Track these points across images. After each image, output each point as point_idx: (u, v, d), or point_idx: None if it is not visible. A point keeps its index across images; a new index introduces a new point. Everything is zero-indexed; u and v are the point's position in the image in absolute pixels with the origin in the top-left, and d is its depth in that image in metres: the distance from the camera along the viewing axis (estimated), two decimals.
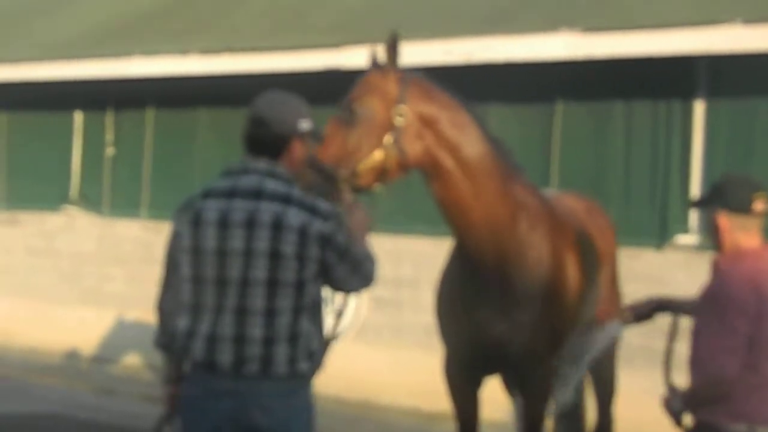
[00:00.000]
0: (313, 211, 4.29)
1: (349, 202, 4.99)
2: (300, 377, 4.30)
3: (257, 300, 4.21)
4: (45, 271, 14.03)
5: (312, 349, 4.31)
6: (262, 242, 4.22)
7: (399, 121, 5.28)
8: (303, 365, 4.28)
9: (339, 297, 5.02)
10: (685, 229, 9.53)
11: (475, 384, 5.99)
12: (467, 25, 10.29)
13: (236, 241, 4.24)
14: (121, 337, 12.68)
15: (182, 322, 4.34)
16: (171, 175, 12.85)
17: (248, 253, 4.22)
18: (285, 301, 4.22)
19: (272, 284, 4.21)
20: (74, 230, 13.79)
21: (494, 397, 6.66)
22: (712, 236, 4.83)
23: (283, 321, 4.22)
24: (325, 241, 4.26)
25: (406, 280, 11.00)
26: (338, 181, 5.05)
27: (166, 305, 4.54)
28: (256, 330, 4.21)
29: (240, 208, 4.28)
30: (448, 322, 5.90)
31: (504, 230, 5.50)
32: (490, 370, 5.99)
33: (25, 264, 14.28)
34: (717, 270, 4.83)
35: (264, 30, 12.34)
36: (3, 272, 14.44)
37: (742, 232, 4.71)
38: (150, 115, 13.34)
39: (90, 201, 13.78)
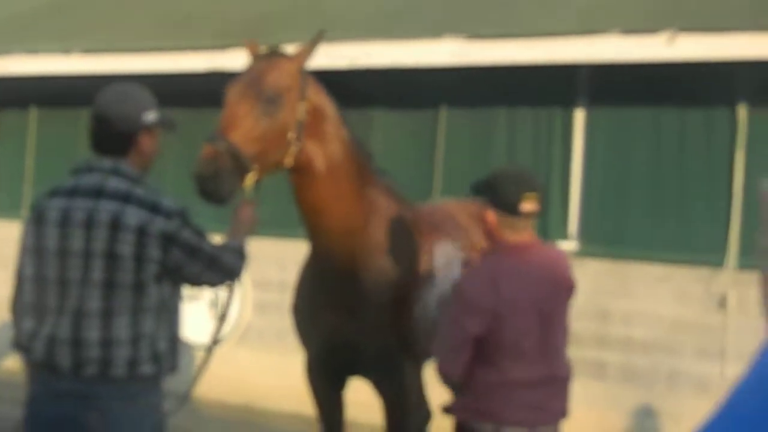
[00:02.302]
0: (154, 209, 4.16)
1: (247, 195, 4.91)
2: (143, 380, 4.20)
3: (94, 302, 4.10)
4: None
5: (157, 351, 4.21)
6: (99, 243, 4.11)
7: (302, 116, 5.19)
8: (146, 368, 4.18)
9: (221, 299, 4.98)
10: (564, 235, 9.67)
11: (336, 386, 6.02)
12: (351, 29, 10.30)
13: (76, 241, 4.14)
14: (1, 340, 12.43)
15: (26, 323, 4.25)
16: (53, 176, 12.55)
17: (87, 254, 4.12)
18: (123, 303, 4.11)
19: (109, 285, 4.10)
20: None
21: (363, 399, 6.68)
22: (483, 228, 4.81)
23: (122, 323, 4.11)
24: (168, 239, 4.15)
25: (290, 284, 10.91)
26: (247, 171, 4.84)
27: (17, 305, 4.44)
28: (92, 332, 4.10)
29: (80, 207, 4.17)
30: (304, 325, 5.90)
31: (354, 233, 5.49)
32: (347, 372, 5.97)
33: None
34: (467, 266, 4.88)
35: (149, 31, 12.22)
36: None
37: (510, 231, 4.67)
38: (33, 114, 13.12)
39: None
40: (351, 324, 5.58)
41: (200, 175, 4.71)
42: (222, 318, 5.06)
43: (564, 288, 4.82)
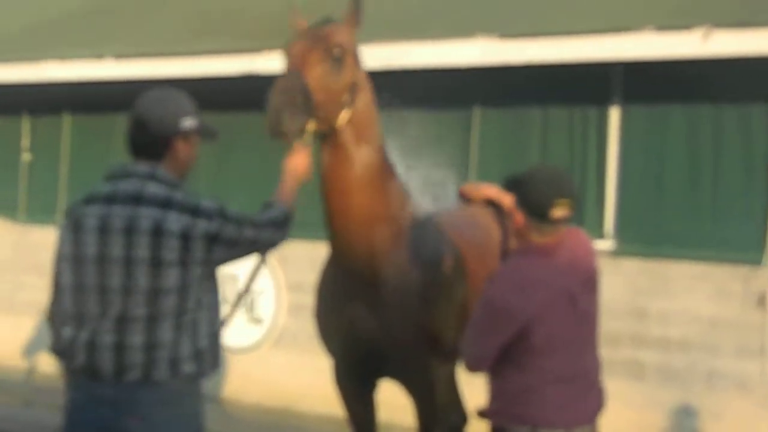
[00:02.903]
0: (195, 212, 4.14)
1: (305, 142, 4.92)
2: (185, 380, 4.17)
3: (138, 308, 4.07)
4: None
5: (199, 348, 4.19)
6: (142, 249, 4.07)
7: (356, 80, 5.24)
8: (187, 366, 4.16)
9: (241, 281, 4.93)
10: (600, 234, 9.60)
11: (365, 388, 5.96)
12: (385, 31, 10.27)
13: (116, 248, 4.10)
14: (37, 345, 12.48)
15: (66, 331, 4.22)
16: (88, 181, 12.54)
17: (128, 261, 4.08)
18: (168, 307, 4.09)
19: (154, 291, 4.07)
20: None
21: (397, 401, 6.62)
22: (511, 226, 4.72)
23: (165, 326, 4.09)
24: (212, 239, 4.14)
25: None
26: (312, 114, 4.90)
27: (54, 312, 4.42)
28: (136, 337, 4.08)
29: (119, 214, 4.14)
30: (327, 328, 5.83)
31: (379, 222, 5.41)
32: (375, 374, 5.90)
33: None
34: (496, 272, 4.75)
35: (181, 35, 12.23)
36: None
37: (537, 234, 4.57)
38: (66, 120, 13.18)
39: (5, 208, 13.55)
40: (375, 323, 5.49)
41: (274, 106, 4.76)
42: (246, 290, 5.07)
43: (592, 279, 4.74)
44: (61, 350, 4.28)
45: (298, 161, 4.91)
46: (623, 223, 9.71)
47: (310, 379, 10.66)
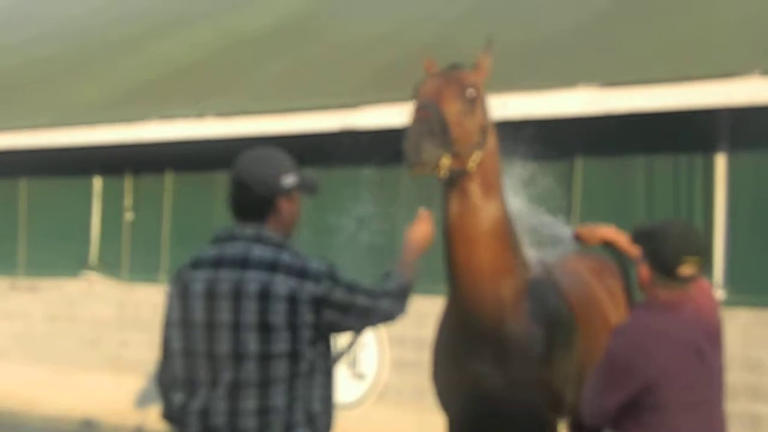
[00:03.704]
0: (302, 274, 4.06)
1: (442, 175, 4.88)
2: None
3: (250, 374, 4.00)
4: (65, 337, 13.95)
5: (312, 413, 4.10)
6: (250, 314, 4.01)
7: (486, 123, 5.19)
8: (302, 431, 4.07)
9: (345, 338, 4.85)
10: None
11: None
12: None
13: (224, 313, 4.05)
14: (141, 403, 12.55)
15: (176, 397, 4.17)
16: (190, 239, 12.77)
17: (236, 326, 4.02)
18: (279, 372, 4.01)
19: (264, 357, 3.99)
20: (93, 296, 13.71)
21: None
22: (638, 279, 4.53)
23: (278, 390, 4.01)
24: (320, 302, 4.05)
25: (427, 341, 10.83)
26: (448, 148, 4.83)
27: (164, 378, 4.36)
28: (249, 402, 4.00)
29: (226, 278, 4.09)
30: (446, 386, 5.64)
31: (505, 275, 5.27)
32: None
33: (45, 330, 14.21)
34: (620, 326, 4.56)
35: (279, 92, 12.32)
36: (23, 339, 14.37)
37: (664, 291, 4.40)
38: (168, 178, 13.32)
39: (109, 266, 13.72)
40: (500, 379, 5.32)
41: (413, 135, 4.72)
42: (349, 347, 5.00)
43: (717, 332, 4.57)
44: (172, 416, 4.23)
45: (422, 229, 4.82)
46: (733, 273, 9.49)
47: None
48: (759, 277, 9.36)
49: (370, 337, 11.19)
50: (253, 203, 4.21)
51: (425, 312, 10.80)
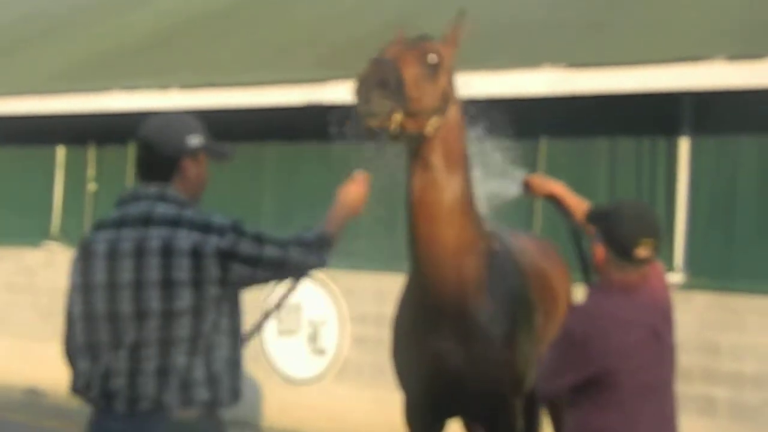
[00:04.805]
0: (206, 228, 3.98)
1: (391, 136, 4.78)
2: (199, 406, 3.96)
3: (152, 333, 3.89)
4: (23, 307, 13.86)
5: (215, 372, 3.99)
6: (152, 271, 3.92)
7: (448, 91, 5.13)
8: (201, 391, 3.95)
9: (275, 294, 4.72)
10: (670, 268, 9.42)
11: (436, 425, 5.71)
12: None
13: (125, 273, 3.94)
14: None
15: (81, 364, 4.05)
16: None
17: (139, 284, 3.92)
18: (182, 331, 3.91)
19: (167, 314, 3.89)
20: (54, 266, 13.62)
21: None
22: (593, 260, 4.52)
23: (180, 350, 3.91)
24: (226, 256, 3.96)
25: (389, 318, 10.84)
26: (401, 104, 4.73)
27: (69, 348, 4.24)
28: (150, 362, 3.89)
29: (128, 237, 3.99)
30: (405, 363, 5.61)
31: (467, 251, 5.23)
32: (449, 413, 5.69)
33: (3, 300, 14.11)
34: (576, 307, 4.60)
35: (245, 65, 12.26)
36: None
37: (617, 271, 4.39)
38: (131, 150, 13.21)
39: (71, 237, 13.61)
40: (462, 357, 5.29)
41: (364, 84, 4.65)
42: (274, 309, 4.88)
43: (670, 313, 4.59)
44: (78, 386, 4.10)
45: (354, 189, 4.74)
46: (693, 256, 9.53)
47: (372, 410, 10.57)
48: (718, 261, 9.41)
49: (331, 313, 11.19)
50: (158, 163, 4.15)
51: (386, 289, 10.82)
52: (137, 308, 3.92)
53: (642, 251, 4.33)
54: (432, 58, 5.01)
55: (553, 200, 5.56)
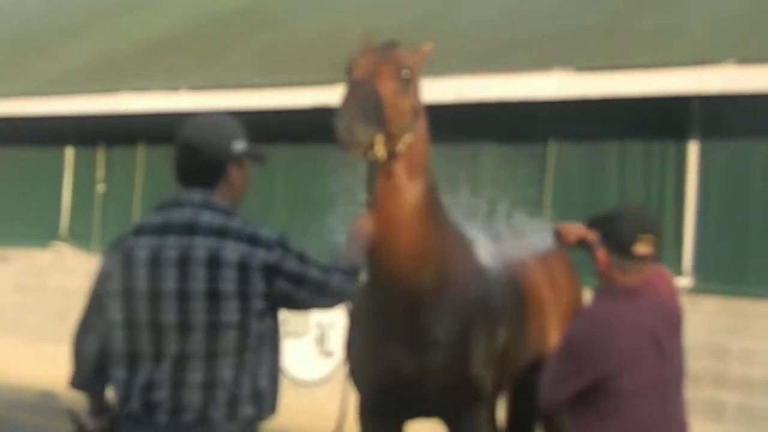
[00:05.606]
0: (253, 241, 3.89)
1: (377, 157, 4.75)
2: (243, 423, 3.93)
3: (196, 345, 3.82)
4: (33, 308, 13.88)
5: (258, 389, 3.96)
6: (198, 282, 3.82)
7: (419, 105, 5.07)
8: (246, 408, 3.92)
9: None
10: (679, 272, 9.40)
11: (391, 427, 5.63)
12: (459, 63, 10.19)
13: (169, 281, 3.85)
14: None
15: (118, 373, 3.97)
16: None
17: (183, 295, 3.83)
18: (227, 343, 3.84)
19: (212, 327, 3.82)
20: (63, 267, 13.64)
21: None
22: (594, 265, 4.52)
23: (226, 362, 3.85)
24: (272, 271, 3.89)
25: None
26: (381, 127, 4.68)
27: (83, 347, 4.17)
28: (195, 375, 3.83)
29: (172, 245, 3.88)
30: (360, 364, 5.51)
31: (428, 258, 5.17)
32: (407, 414, 5.60)
33: (13, 301, 14.13)
34: (579, 313, 4.59)
35: (255, 68, 12.27)
36: None
37: (620, 273, 4.39)
38: (141, 151, 13.25)
39: (80, 237, 13.64)
40: (416, 361, 5.22)
41: (347, 115, 4.57)
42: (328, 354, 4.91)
43: (677, 321, 4.58)
44: (82, 385, 4.12)
45: (359, 229, 4.74)
46: (702, 260, 9.52)
47: None
48: (727, 266, 9.39)
49: (338, 315, 11.18)
50: (202, 169, 4.04)
51: None
52: (182, 319, 3.85)
53: (641, 247, 4.34)
54: (406, 73, 4.96)
55: (585, 245, 5.58)
